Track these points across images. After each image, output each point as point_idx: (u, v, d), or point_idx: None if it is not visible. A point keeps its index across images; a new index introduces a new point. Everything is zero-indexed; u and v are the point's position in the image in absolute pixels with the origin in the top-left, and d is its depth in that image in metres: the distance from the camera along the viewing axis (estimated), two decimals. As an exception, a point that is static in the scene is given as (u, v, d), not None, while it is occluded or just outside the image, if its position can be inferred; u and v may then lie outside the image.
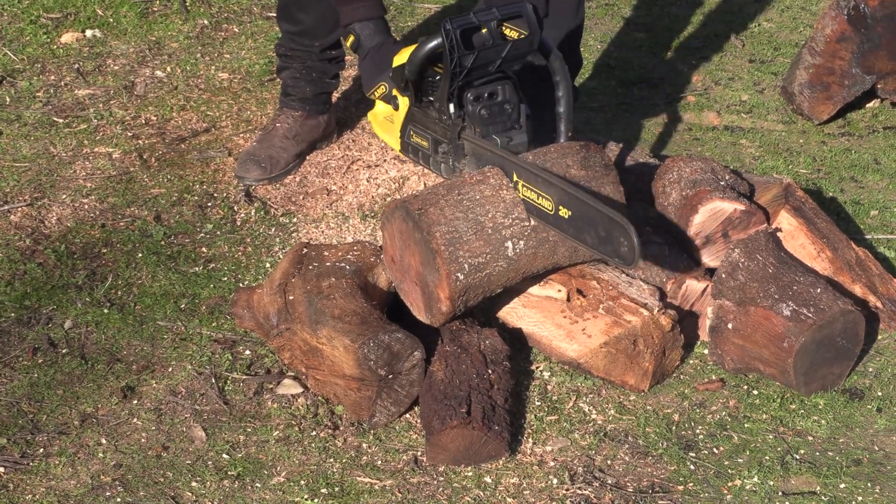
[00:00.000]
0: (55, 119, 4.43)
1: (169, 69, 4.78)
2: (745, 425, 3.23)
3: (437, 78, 3.42)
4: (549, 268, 3.28)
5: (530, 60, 3.47)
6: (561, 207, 3.11)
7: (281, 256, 3.74)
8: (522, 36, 3.32)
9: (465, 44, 3.28)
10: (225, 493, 2.96)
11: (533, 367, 3.36)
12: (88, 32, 4.99)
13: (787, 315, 3.25)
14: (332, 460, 3.07)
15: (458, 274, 3.12)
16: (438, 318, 3.19)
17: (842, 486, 3.04)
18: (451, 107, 3.38)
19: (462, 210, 3.17)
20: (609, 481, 3.03)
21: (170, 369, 3.33)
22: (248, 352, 3.40)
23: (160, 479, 3.00)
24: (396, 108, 3.60)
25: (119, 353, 3.38)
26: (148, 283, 3.65)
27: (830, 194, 4.18)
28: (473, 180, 3.24)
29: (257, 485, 2.99)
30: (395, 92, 3.60)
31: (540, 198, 3.15)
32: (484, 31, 3.30)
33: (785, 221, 3.58)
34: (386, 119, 3.76)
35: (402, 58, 3.54)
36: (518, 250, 3.19)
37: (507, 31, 3.33)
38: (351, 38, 3.73)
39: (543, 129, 3.55)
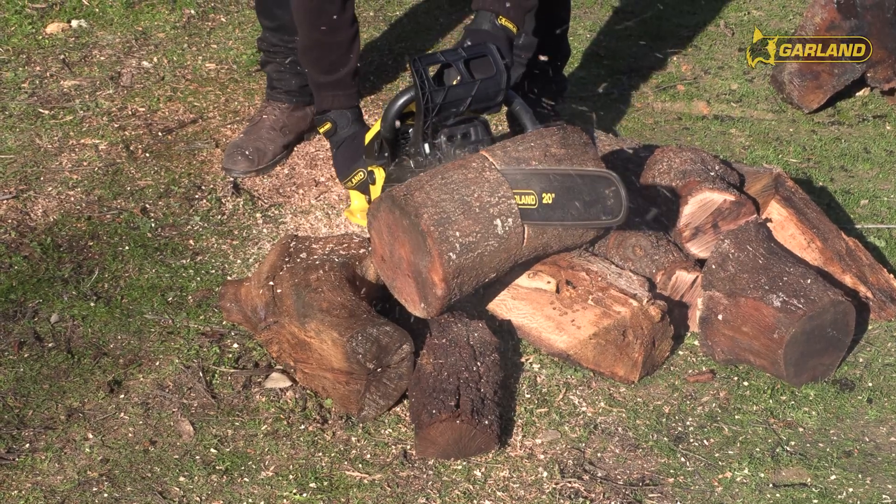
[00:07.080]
0: (41, 110, 4.40)
1: (156, 59, 4.75)
2: (736, 417, 3.22)
3: (410, 131, 3.45)
4: (540, 250, 3.26)
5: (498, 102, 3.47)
6: (544, 195, 3.13)
7: (269, 249, 3.72)
8: (490, 76, 3.36)
9: (436, 81, 3.35)
10: (213, 488, 2.95)
11: (522, 360, 3.35)
12: (74, 23, 4.96)
13: (778, 306, 3.24)
14: (320, 454, 3.05)
15: (451, 254, 3.10)
16: (434, 305, 3.16)
17: (832, 477, 3.03)
18: (426, 146, 3.39)
19: (448, 192, 3.15)
20: (599, 474, 3.02)
21: (157, 363, 3.31)
22: (235, 345, 3.38)
23: (147, 473, 2.98)
24: (374, 182, 3.59)
25: (106, 347, 3.36)
26: (135, 276, 3.63)
27: (820, 184, 4.17)
28: (455, 165, 3.22)
29: (245, 479, 2.98)
30: (371, 167, 3.59)
31: (523, 197, 3.16)
32: (452, 69, 3.36)
33: (775, 212, 3.57)
34: (363, 212, 3.77)
35: (372, 132, 3.58)
36: (507, 228, 3.17)
37: (474, 72, 3.40)
38: (327, 126, 3.79)
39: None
